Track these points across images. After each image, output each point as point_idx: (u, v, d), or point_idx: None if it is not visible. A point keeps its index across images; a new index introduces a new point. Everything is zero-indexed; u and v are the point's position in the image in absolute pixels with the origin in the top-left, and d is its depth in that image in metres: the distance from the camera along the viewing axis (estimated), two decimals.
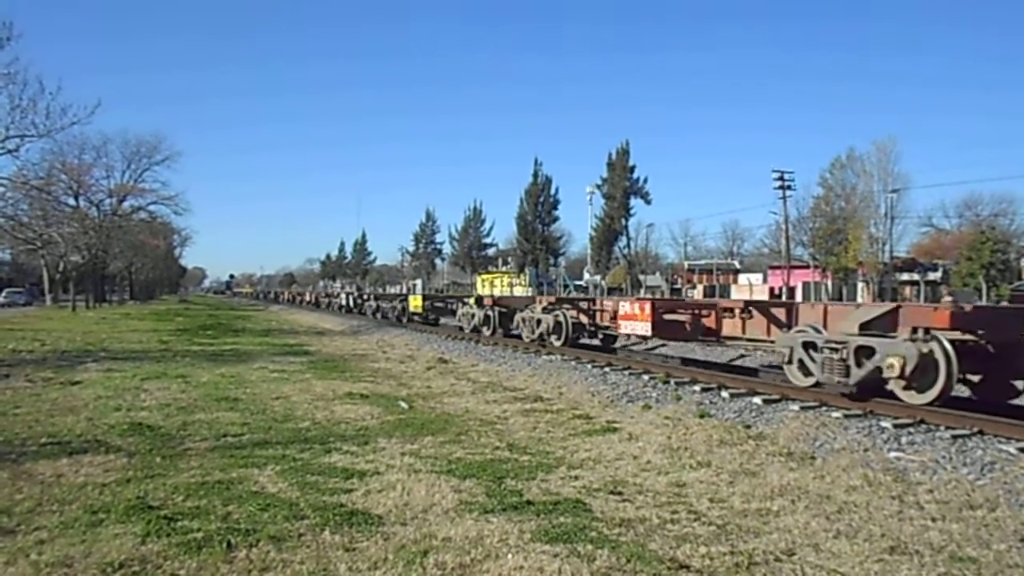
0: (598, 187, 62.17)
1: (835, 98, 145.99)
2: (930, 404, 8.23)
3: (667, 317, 13.26)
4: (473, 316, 21.89)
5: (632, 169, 60.97)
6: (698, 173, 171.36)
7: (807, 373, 9.77)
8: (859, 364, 8.89)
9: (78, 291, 51.54)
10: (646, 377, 12.06)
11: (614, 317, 15.04)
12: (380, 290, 68.74)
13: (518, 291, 59.88)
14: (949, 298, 10.50)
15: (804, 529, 5.11)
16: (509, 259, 78.90)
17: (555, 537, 4.80)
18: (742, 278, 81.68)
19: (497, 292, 58.55)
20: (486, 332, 20.60)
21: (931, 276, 61.51)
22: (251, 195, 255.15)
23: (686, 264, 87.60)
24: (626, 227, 64.06)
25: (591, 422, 9.29)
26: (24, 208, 37.79)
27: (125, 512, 5.17)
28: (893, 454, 7.08)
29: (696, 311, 13.25)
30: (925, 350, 8.25)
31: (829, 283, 59.02)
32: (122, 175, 59.01)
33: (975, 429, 7.54)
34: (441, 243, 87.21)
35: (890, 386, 8.68)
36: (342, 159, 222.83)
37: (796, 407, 9.06)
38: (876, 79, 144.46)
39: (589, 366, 13.77)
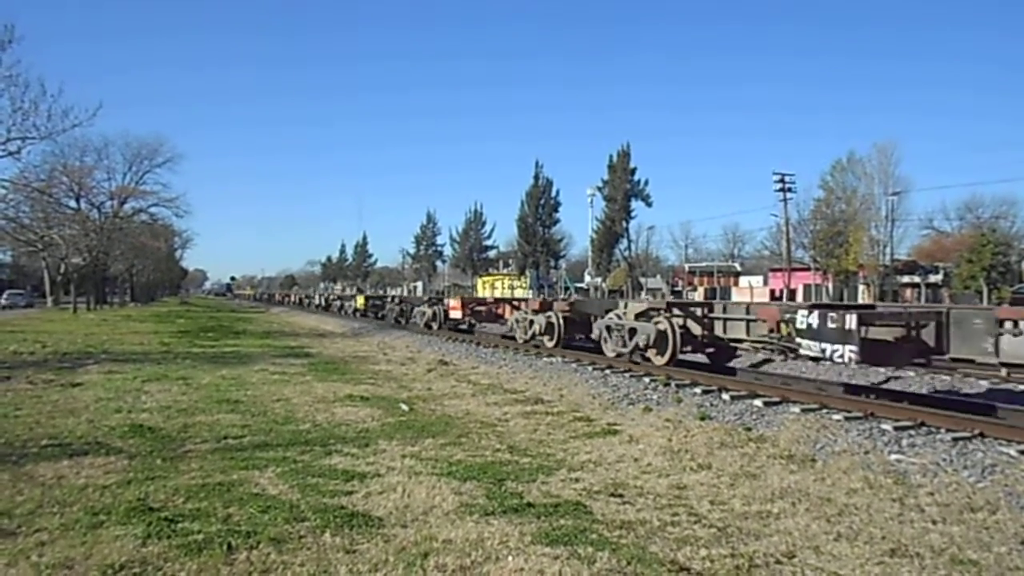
0: (599, 189, 62.13)
1: (836, 101, 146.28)
2: (666, 364, 12.60)
3: None
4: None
5: (633, 171, 60.98)
6: (699, 175, 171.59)
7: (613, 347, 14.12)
8: (631, 338, 13.43)
9: (79, 293, 51.52)
10: (647, 379, 12.06)
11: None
12: (380, 291, 68.73)
13: (519, 293, 59.88)
14: (948, 300, 10.56)
15: (805, 531, 5.11)
16: (510, 261, 78.95)
17: (556, 539, 4.80)
18: (743, 280, 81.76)
19: (498, 294, 58.60)
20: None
21: (932, 278, 61.54)
22: (252, 197, 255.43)
23: (687, 266, 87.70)
24: (627, 229, 64.06)
25: (592, 424, 9.29)
26: (25, 210, 37.91)
27: (126, 514, 5.18)
28: (894, 456, 7.08)
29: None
30: (662, 328, 12.66)
31: (830, 285, 59.08)
32: (123, 177, 59.07)
33: (976, 431, 7.54)
34: (442, 245, 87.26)
35: (647, 353, 13.05)
36: (343, 161, 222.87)
37: (797, 410, 9.06)
38: (876, 82, 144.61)
39: (590, 368, 13.76)
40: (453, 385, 13.02)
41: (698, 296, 63.95)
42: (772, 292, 63.57)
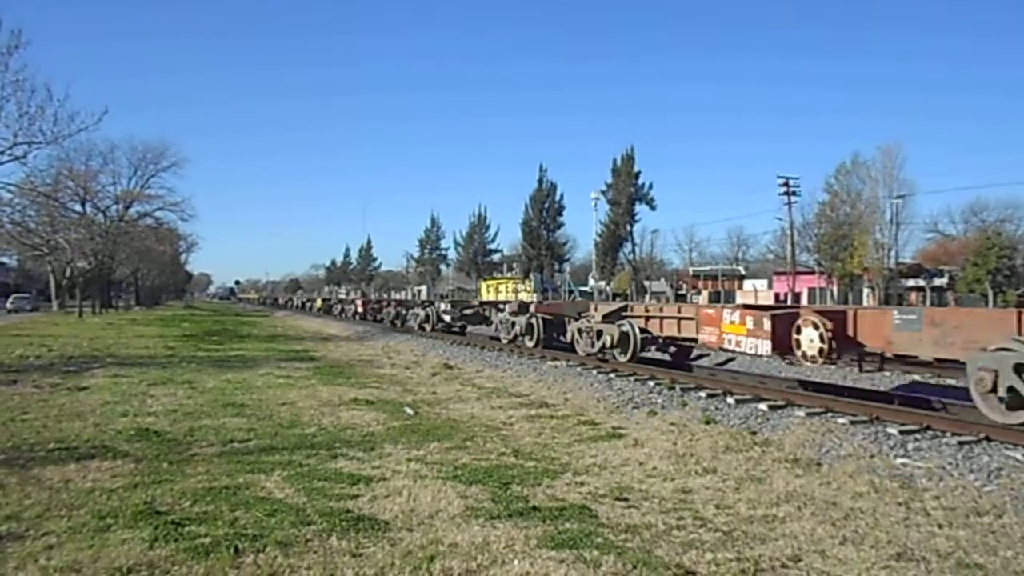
0: (603, 193, 62.06)
1: (840, 104, 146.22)
2: (628, 361, 14.01)
3: None
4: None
5: (637, 175, 60.89)
6: (703, 179, 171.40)
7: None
8: (599, 338, 14.73)
9: (84, 297, 51.66)
10: (651, 383, 12.06)
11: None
12: (385, 295, 68.81)
13: (523, 296, 59.84)
14: (953, 304, 10.79)
15: (810, 535, 5.11)
16: (514, 265, 78.96)
17: (561, 543, 4.81)
18: (747, 284, 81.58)
19: (502, 297, 58.59)
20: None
21: (937, 282, 61.34)
22: (257, 201, 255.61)
23: (691, 270, 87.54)
24: (631, 233, 63.93)
25: (596, 428, 9.29)
26: (31, 214, 38.01)
27: (133, 517, 5.20)
28: (899, 460, 7.07)
29: None
30: (624, 329, 14.13)
31: (835, 289, 58.92)
32: (129, 181, 59.35)
33: (981, 435, 7.52)
34: (446, 249, 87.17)
35: (613, 351, 14.37)
36: (348, 165, 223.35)
37: (802, 413, 9.05)
38: (881, 85, 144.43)
39: (594, 372, 13.76)
40: (458, 389, 13.04)
41: (703, 299, 63.80)
42: (776, 296, 63.41)
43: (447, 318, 26.13)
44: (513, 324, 19.83)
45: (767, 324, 10.74)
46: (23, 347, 20.45)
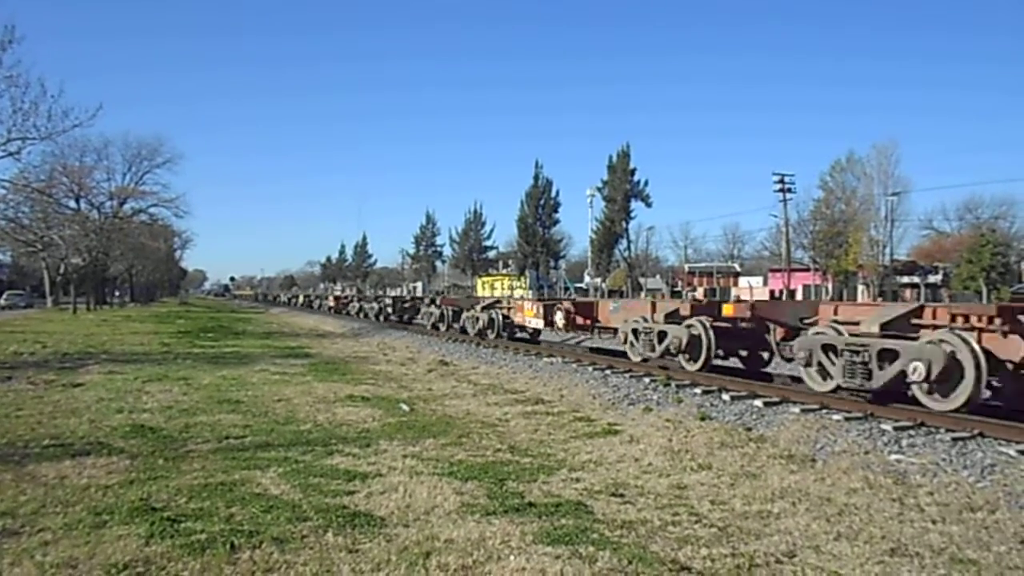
0: (599, 190, 62.09)
1: (835, 101, 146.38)
2: (496, 338, 19.61)
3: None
4: (430, 315, 26.54)
5: (633, 172, 60.92)
6: (699, 176, 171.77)
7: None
8: (476, 323, 21.27)
9: (79, 293, 51.54)
10: (647, 380, 12.08)
11: None
12: (379, 292, 68.75)
13: (518, 294, 59.86)
14: (948, 301, 10.85)
15: (805, 531, 5.13)
16: (510, 262, 78.90)
17: (557, 539, 4.82)
18: (742, 281, 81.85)
19: (498, 294, 58.58)
20: (442, 328, 23.98)
21: (931, 279, 61.59)
22: (252, 197, 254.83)
23: (686, 267, 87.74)
24: (627, 230, 64.00)
25: (592, 424, 9.31)
26: (25, 211, 37.86)
27: (129, 514, 5.20)
28: (894, 456, 7.10)
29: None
30: (492, 315, 19.31)
31: (830, 286, 59.11)
32: (123, 177, 59.10)
33: (975, 431, 7.56)
34: (441, 246, 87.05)
35: (486, 331, 20.29)
36: (343, 161, 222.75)
37: (797, 410, 9.08)
38: (876, 82, 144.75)
39: (590, 369, 13.78)
40: (453, 385, 13.04)
41: (698, 295, 63.87)
42: (771, 292, 63.60)
43: (389, 311, 33.34)
44: (431, 314, 26.61)
45: (540, 310, 18.10)
46: (17, 344, 20.39)
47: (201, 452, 7.38)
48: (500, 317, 20.32)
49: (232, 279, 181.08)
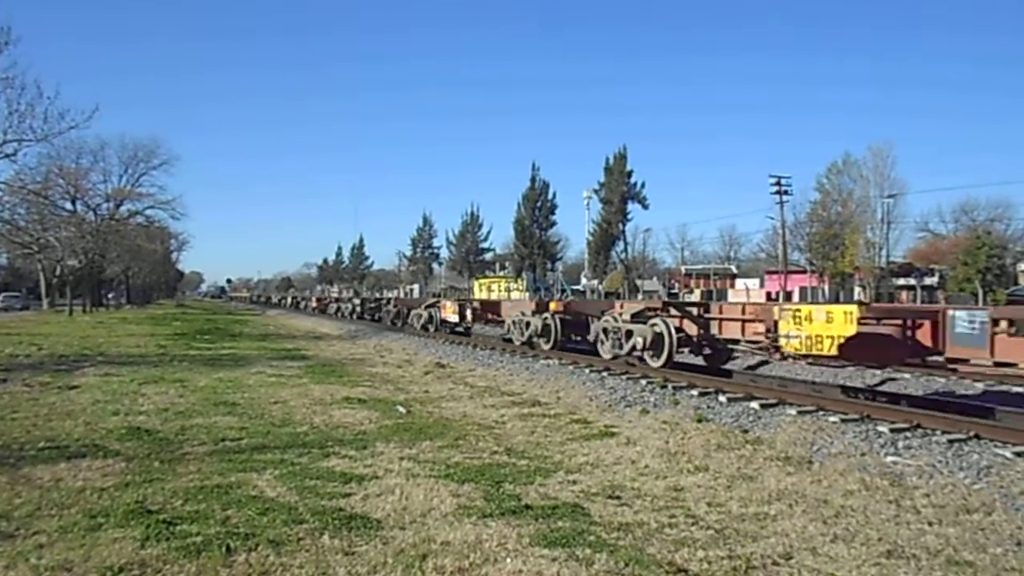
0: (595, 192, 62.26)
1: (831, 103, 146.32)
2: (434, 332, 24.61)
3: None
4: (390, 311, 32.84)
5: (630, 174, 61.10)
6: (695, 178, 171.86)
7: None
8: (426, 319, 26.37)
9: (75, 295, 51.39)
10: (644, 382, 12.08)
11: None
12: (376, 295, 68.76)
13: (515, 295, 59.83)
14: (944, 303, 10.92)
15: (801, 533, 5.13)
16: (507, 264, 78.98)
17: (553, 541, 4.82)
18: (739, 283, 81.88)
19: (495, 296, 58.56)
20: (398, 324, 29.74)
21: (927, 281, 61.78)
22: (249, 199, 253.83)
23: (683, 269, 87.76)
24: (623, 232, 64.19)
25: (589, 426, 9.31)
26: (21, 212, 37.89)
27: (124, 516, 5.18)
28: (890, 458, 7.11)
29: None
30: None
31: (826, 287, 59.22)
32: (119, 179, 58.96)
33: (971, 433, 7.58)
34: (438, 248, 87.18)
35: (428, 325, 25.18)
36: (339, 164, 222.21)
37: (793, 412, 9.10)
38: (872, 84, 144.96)
39: (587, 371, 13.78)
40: (450, 387, 13.03)
41: (695, 298, 63.98)
42: (768, 294, 63.71)
43: (359, 309, 39.17)
44: (389, 311, 32.68)
45: (457, 308, 23.17)
46: (13, 346, 20.34)
47: (197, 454, 7.37)
48: (438, 314, 25.26)
49: (229, 281, 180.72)
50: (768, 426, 8.76)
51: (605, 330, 14.57)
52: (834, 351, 9.71)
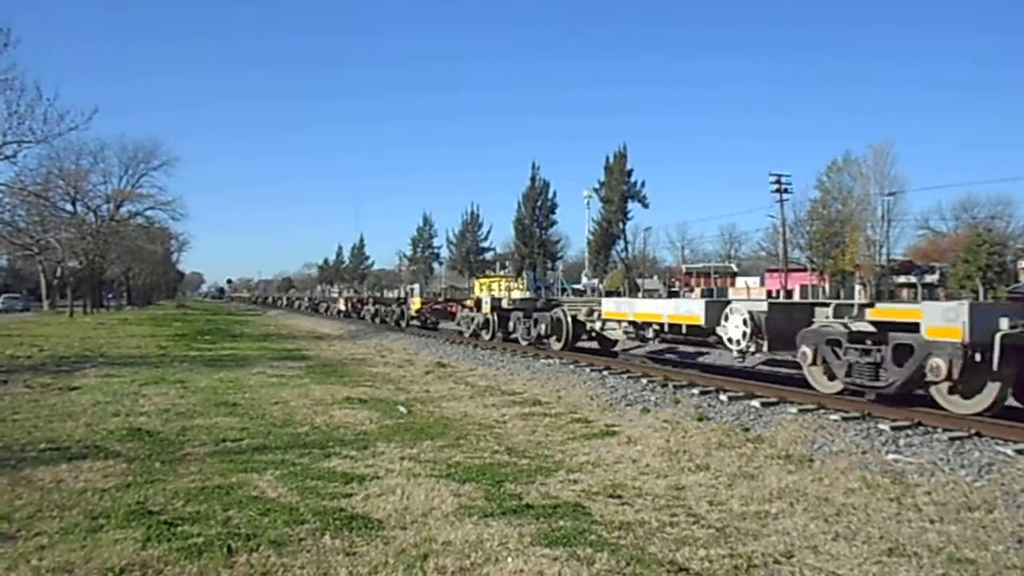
0: (595, 191, 62.07)
1: (832, 101, 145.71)
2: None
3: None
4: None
5: (630, 173, 60.89)
6: (695, 177, 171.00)
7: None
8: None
9: (75, 296, 51.39)
10: (644, 381, 12.08)
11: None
12: (376, 294, 68.72)
13: (516, 295, 59.79)
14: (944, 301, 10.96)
15: (803, 531, 5.13)
16: (507, 263, 78.85)
17: (555, 540, 4.82)
18: (739, 281, 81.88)
19: (495, 295, 58.42)
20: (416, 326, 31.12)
21: (928, 278, 61.62)
22: (249, 200, 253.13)
23: (684, 267, 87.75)
24: (624, 231, 63.95)
25: (590, 426, 9.30)
26: (22, 214, 37.88)
27: (125, 517, 5.19)
28: (891, 456, 7.11)
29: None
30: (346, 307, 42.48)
31: (827, 286, 59.15)
32: (119, 180, 58.97)
33: (972, 431, 7.57)
34: (439, 247, 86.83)
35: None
36: (340, 164, 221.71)
37: (794, 410, 9.09)
38: (872, 82, 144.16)
39: (587, 370, 13.78)
40: (451, 387, 13.03)
41: (696, 295, 63.95)
42: (768, 292, 63.66)
43: (315, 303, 49.38)
44: (376, 310, 37.90)
45: (344, 305, 43.29)
46: (14, 347, 20.34)
47: (198, 455, 7.37)
48: (408, 310, 30.93)
49: (229, 281, 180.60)
50: (769, 424, 8.75)
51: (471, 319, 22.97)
52: None
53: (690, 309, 12.55)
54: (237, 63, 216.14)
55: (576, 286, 72.53)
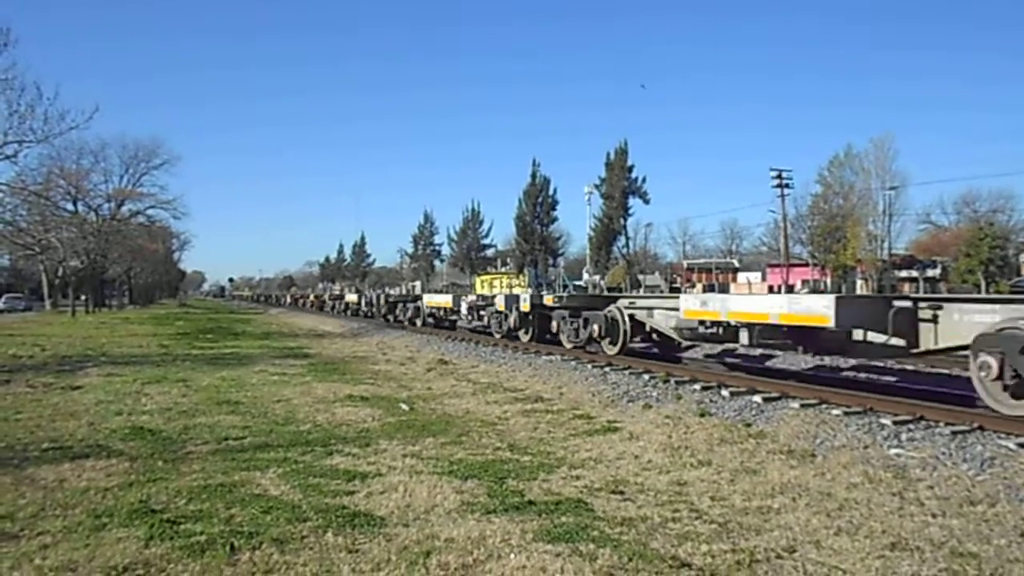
0: (596, 187, 62.05)
1: (833, 95, 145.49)
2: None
3: None
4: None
5: (630, 169, 60.87)
6: (696, 172, 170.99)
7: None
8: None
9: (77, 296, 51.49)
10: (646, 376, 12.08)
11: None
12: (378, 292, 68.68)
13: (517, 292, 59.76)
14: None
15: (805, 526, 5.13)
16: (508, 260, 78.82)
17: (557, 537, 4.82)
18: (741, 276, 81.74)
19: (496, 292, 58.37)
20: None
21: (930, 273, 61.52)
22: (250, 198, 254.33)
23: (685, 263, 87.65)
24: (625, 227, 63.99)
25: (592, 422, 9.31)
26: (23, 214, 37.84)
27: (128, 516, 5.19)
28: (893, 451, 7.10)
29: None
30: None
31: (828, 281, 59.08)
32: (120, 179, 59.03)
33: (975, 425, 7.56)
34: (440, 244, 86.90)
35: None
36: (340, 161, 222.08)
37: (796, 405, 9.09)
38: (873, 75, 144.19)
39: (589, 366, 13.79)
40: (453, 384, 13.04)
41: (697, 291, 63.95)
42: (770, 288, 63.60)
43: (331, 304, 50.12)
44: (359, 305, 40.65)
45: (359, 300, 40.39)
46: (16, 347, 20.36)
47: (200, 453, 7.38)
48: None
49: (231, 280, 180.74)
50: (771, 419, 8.75)
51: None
52: None
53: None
54: (238, 61, 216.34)
55: (577, 282, 72.53)
